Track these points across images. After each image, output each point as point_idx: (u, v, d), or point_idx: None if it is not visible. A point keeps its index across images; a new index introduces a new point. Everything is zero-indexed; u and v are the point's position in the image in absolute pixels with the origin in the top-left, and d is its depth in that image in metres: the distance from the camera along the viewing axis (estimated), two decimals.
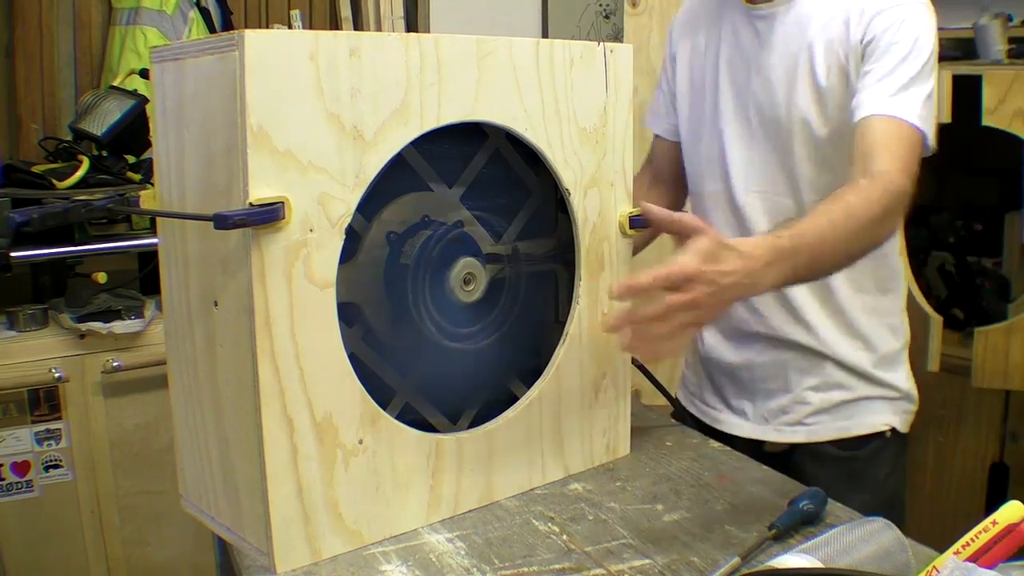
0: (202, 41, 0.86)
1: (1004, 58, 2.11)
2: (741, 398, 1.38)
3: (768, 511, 1.01)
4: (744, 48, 1.29)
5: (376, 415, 0.94)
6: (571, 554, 0.93)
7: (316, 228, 0.87)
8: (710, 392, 1.43)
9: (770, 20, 1.26)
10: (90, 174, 1.97)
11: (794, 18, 1.25)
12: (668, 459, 1.18)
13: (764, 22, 1.27)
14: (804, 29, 1.23)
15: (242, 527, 0.92)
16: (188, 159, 0.90)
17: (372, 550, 0.94)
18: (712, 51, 1.34)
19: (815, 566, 0.78)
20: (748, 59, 1.28)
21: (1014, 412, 2.14)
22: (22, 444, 1.82)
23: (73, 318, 1.87)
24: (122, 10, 2.34)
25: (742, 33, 1.29)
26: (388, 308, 0.99)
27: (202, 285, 0.91)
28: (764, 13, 1.27)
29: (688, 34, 1.39)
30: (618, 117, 1.11)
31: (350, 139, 0.88)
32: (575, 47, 1.06)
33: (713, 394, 1.42)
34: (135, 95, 2.08)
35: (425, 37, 0.92)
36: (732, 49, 1.31)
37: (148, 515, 1.94)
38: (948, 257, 2.40)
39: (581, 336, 1.11)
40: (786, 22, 1.25)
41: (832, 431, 1.32)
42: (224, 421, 0.91)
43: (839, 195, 1.05)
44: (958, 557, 0.76)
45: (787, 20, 1.25)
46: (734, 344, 1.37)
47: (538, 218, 1.12)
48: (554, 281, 1.14)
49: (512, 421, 1.06)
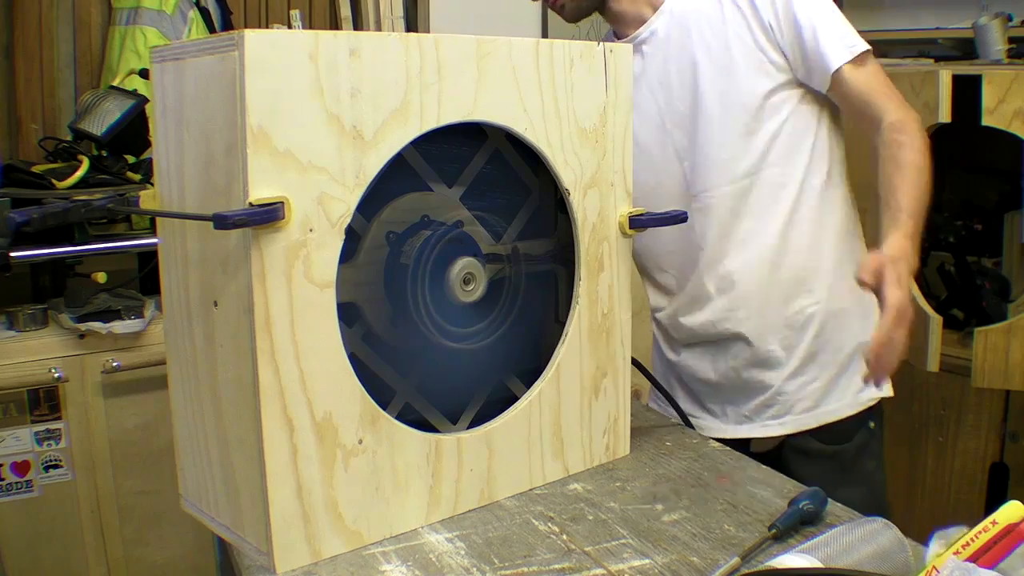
0: (202, 41, 0.86)
1: (1004, 58, 2.11)
2: (722, 403, 1.39)
3: (768, 511, 1.01)
4: (639, 76, 1.33)
5: (376, 415, 0.94)
6: (571, 554, 0.93)
7: (316, 228, 0.87)
8: (685, 399, 1.43)
9: (651, 40, 1.33)
10: (90, 174, 1.97)
11: (671, 29, 1.31)
12: (668, 459, 1.18)
13: (647, 44, 1.34)
14: (685, 37, 1.30)
15: (242, 527, 0.92)
16: (188, 159, 0.90)
17: (372, 550, 0.94)
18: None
19: (815, 566, 0.78)
20: (651, 84, 1.34)
21: (1014, 412, 2.14)
22: (22, 444, 1.82)
23: (73, 318, 1.87)
24: (122, 10, 2.34)
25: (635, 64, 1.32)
26: (388, 308, 0.99)
27: (202, 285, 0.91)
28: (641, 38, 1.33)
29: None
30: (618, 117, 1.11)
31: (350, 139, 0.88)
32: (575, 47, 1.06)
33: (690, 401, 1.43)
34: (135, 95, 2.08)
35: (425, 37, 0.92)
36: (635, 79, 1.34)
37: (148, 515, 1.94)
38: (948, 257, 2.40)
39: (581, 336, 1.11)
40: (664, 37, 1.32)
41: (819, 416, 1.33)
42: (224, 421, 0.91)
43: (895, 156, 1.19)
44: (958, 557, 0.76)
45: (665, 33, 1.32)
46: (709, 359, 1.39)
47: (538, 218, 1.12)
48: (554, 281, 1.14)
49: (512, 421, 1.06)
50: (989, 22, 2.14)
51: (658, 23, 1.33)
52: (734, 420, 1.38)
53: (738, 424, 1.37)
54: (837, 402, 1.34)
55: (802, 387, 1.34)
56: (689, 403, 1.43)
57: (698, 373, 1.40)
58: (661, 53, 1.33)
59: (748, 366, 1.35)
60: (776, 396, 1.34)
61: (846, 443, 1.34)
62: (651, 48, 1.34)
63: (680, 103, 1.32)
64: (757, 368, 1.35)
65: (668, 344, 1.45)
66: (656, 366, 1.51)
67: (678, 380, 1.44)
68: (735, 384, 1.37)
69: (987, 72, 1.91)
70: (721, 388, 1.38)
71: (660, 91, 1.33)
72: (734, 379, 1.36)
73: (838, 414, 1.34)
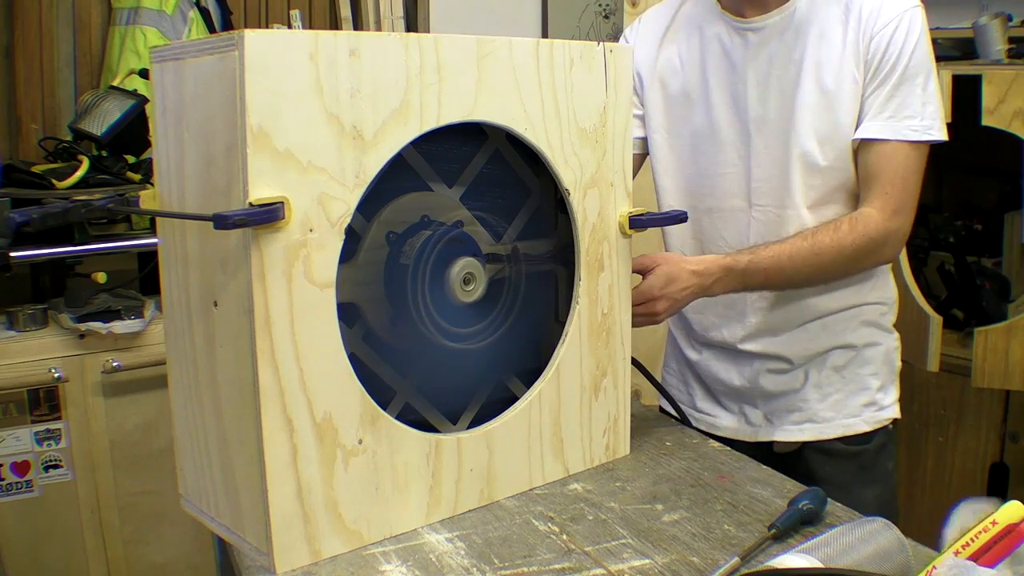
0: (202, 41, 0.86)
1: (1004, 58, 2.11)
2: (742, 403, 1.38)
3: (768, 511, 1.01)
4: (736, 61, 1.27)
5: (376, 415, 0.94)
6: (571, 554, 0.93)
7: (316, 228, 0.87)
8: (704, 397, 1.42)
9: (761, 32, 1.25)
10: (90, 174, 1.97)
11: (787, 27, 1.24)
12: (668, 459, 1.18)
13: (755, 34, 1.26)
14: (801, 39, 1.23)
15: (242, 527, 0.92)
16: (188, 159, 0.90)
17: (372, 550, 0.94)
18: (694, 65, 1.31)
19: (815, 566, 0.78)
20: (741, 71, 1.27)
21: (1014, 412, 2.14)
22: (22, 444, 1.82)
23: (73, 318, 1.87)
24: (122, 10, 2.34)
25: (732, 47, 1.28)
26: (388, 308, 0.99)
27: (202, 285, 0.91)
28: (757, 26, 1.26)
29: (656, 47, 1.36)
30: (618, 117, 1.11)
31: (350, 139, 0.88)
32: (575, 47, 1.06)
33: (709, 401, 1.42)
34: (135, 95, 2.08)
35: (425, 37, 0.92)
36: (720, 62, 1.29)
37: (148, 515, 1.94)
38: (948, 257, 2.40)
39: (581, 336, 1.11)
40: (779, 32, 1.24)
41: (839, 428, 1.33)
42: (224, 421, 0.91)
43: (817, 231, 1.21)
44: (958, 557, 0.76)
45: (779, 30, 1.24)
46: (733, 363, 1.37)
47: (538, 218, 1.12)
48: (554, 281, 1.14)
49: (512, 421, 1.06)
50: (989, 22, 2.14)
51: (776, 18, 1.25)
52: (754, 422, 1.37)
53: (757, 426, 1.36)
54: (857, 417, 1.33)
55: (824, 397, 1.33)
56: (707, 402, 1.42)
57: (719, 374, 1.38)
58: (766, 50, 1.25)
59: (770, 373, 1.34)
60: (798, 403, 1.34)
61: (867, 444, 1.33)
62: (758, 38, 1.26)
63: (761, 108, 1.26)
64: (779, 376, 1.34)
65: (688, 341, 1.43)
66: (670, 363, 1.49)
67: (696, 378, 1.43)
68: (756, 388, 1.35)
69: (987, 72, 1.91)
70: (742, 392, 1.37)
71: (753, 88, 1.26)
72: (755, 384, 1.35)
73: (857, 428, 1.33)
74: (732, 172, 1.30)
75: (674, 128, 1.35)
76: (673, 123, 1.35)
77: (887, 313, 1.36)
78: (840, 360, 1.33)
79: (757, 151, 1.27)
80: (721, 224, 1.33)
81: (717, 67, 1.29)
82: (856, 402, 1.33)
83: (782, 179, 1.26)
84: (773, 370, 1.34)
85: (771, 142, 1.26)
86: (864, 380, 1.34)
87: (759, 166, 1.28)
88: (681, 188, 1.36)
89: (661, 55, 1.35)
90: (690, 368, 1.44)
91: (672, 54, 1.34)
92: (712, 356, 1.39)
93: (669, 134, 1.36)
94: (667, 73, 1.34)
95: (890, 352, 1.37)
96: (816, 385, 1.33)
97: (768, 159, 1.27)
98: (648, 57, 1.36)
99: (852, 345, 1.33)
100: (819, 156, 1.23)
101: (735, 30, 1.27)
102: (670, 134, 1.36)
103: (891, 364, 1.37)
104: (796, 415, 1.34)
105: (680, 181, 1.36)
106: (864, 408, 1.34)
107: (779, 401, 1.34)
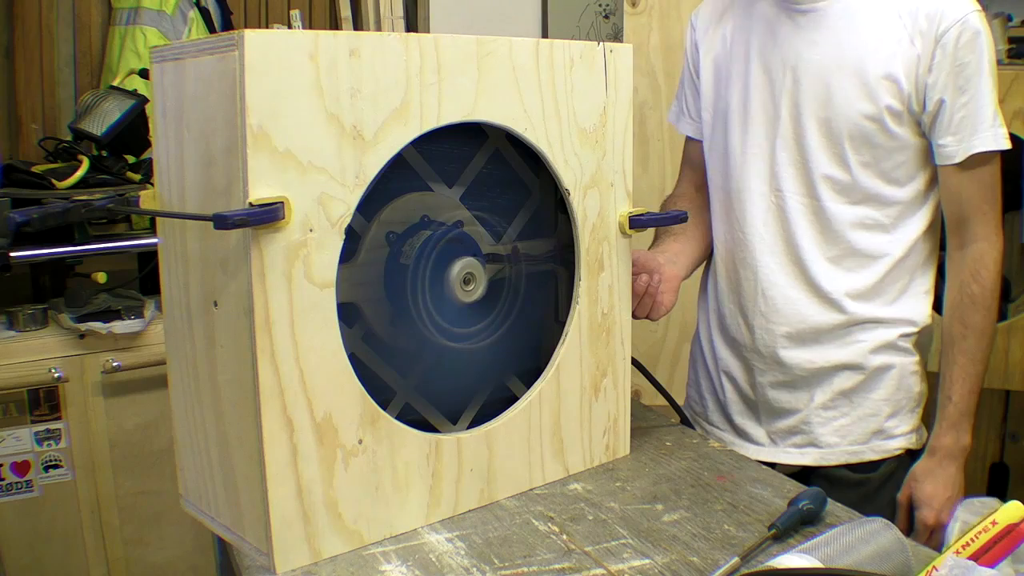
0: (202, 41, 0.86)
1: (1004, 58, 2.10)
2: (746, 419, 1.36)
3: (768, 511, 1.01)
4: (781, 42, 1.24)
5: (376, 415, 0.94)
6: (571, 554, 0.93)
7: (316, 228, 0.87)
8: (715, 411, 1.41)
9: (814, 16, 1.22)
10: (90, 174, 1.97)
11: (841, 14, 1.20)
12: (668, 459, 1.18)
13: (806, 17, 1.22)
14: (854, 27, 1.19)
15: (242, 527, 0.92)
16: (188, 159, 0.90)
17: (372, 550, 0.94)
18: (740, 42, 1.29)
19: (815, 566, 0.78)
20: (785, 54, 1.24)
21: (1014, 412, 2.14)
22: (22, 444, 1.82)
23: (73, 318, 1.87)
24: (122, 10, 2.34)
25: (779, 26, 1.25)
26: (388, 308, 0.99)
27: (202, 285, 0.91)
28: (807, 8, 1.22)
29: (714, 24, 1.35)
30: (618, 117, 1.11)
31: (350, 139, 0.88)
32: (575, 47, 1.06)
33: (719, 415, 1.41)
34: (135, 95, 2.08)
35: (425, 37, 0.92)
36: (765, 41, 1.26)
37: (148, 515, 1.94)
38: None
39: (581, 336, 1.11)
40: (832, 18, 1.21)
41: (843, 456, 1.29)
42: (224, 421, 0.91)
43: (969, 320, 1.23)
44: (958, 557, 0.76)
45: (833, 16, 1.21)
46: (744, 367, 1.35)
47: (538, 218, 1.12)
48: (554, 281, 1.14)
49: (512, 421, 1.06)
50: (989, 22, 2.13)
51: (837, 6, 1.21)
52: (758, 441, 1.34)
53: (760, 445, 1.33)
54: (863, 445, 1.28)
55: (827, 421, 1.29)
56: (718, 415, 1.40)
57: (733, 371, 1.36)
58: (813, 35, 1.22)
59: (777, 386, 1.31)
60: (802, 424, 1.30)
61: (872, 472, 1.28)
62: (807, 21, 1.23)
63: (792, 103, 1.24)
64: (785, 389, 1.31)
65: (722, 337, 1.39)
66: (701, 359, 1.44)
67: (711, 391, 1.41)
68: (762, 400, 1.33)
69: None
70: (749, 401, 1.35)
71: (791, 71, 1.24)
72: (761, 396, 1.33)
73: (863, 456, 1.28)
74: (757, 153, 1.28)
75: (717, 106, 1.34)
76: (716, 101, 1.34)
77: (910, 335, 1.28)
78: (847, 383, 1.28)
79: (783, 135, 1.25)
80: (742, 208, 1.30)
81: (762, 47, 1.27)
82: (863, 429, 1.28)
83: (802, 166, 1.24)
84: (775, 383, 1.31)
85: (798, 128, 1.23)
86: (874, 406, 1.28)
87: (784, 150, 1.25)
88: (717, 168, 1.35)
89: (716, 34, 1.35)
90: (708, 378, 1.42)
91: (726, 31, 1.33)
92: (729, 353, 1.37)
93: (713, 112, 1.35)
94: (719, 51, 1.34)
95: (906, 376, 1.28)
96: (821, 407, 1.28)
97: (792, 144, 1.24)
98: (705, 36, 1.36)
99: (859, 366, 1.27)
100: (849, 150, 1.21)
101: (786, 12, 1.24)
102: (714, 112, 1.35)
103: (907, 390, 1.29)
104: (798, 438, 1.31)
105: (715, 160, 1.35)
106: (872, 436, 1.28)
107: (783, 420, 1.31)
